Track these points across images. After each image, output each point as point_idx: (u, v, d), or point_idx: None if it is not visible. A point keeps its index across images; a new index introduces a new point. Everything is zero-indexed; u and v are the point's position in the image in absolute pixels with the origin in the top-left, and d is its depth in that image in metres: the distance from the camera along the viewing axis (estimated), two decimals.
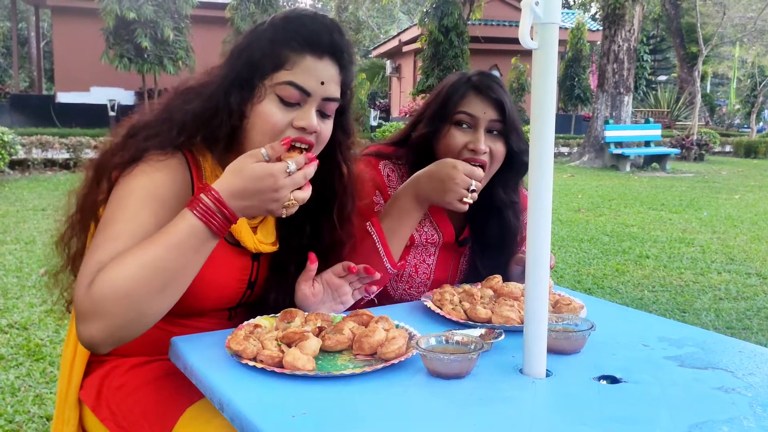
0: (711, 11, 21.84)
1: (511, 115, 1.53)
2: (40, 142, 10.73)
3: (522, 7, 0.99)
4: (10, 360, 3.00)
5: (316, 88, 1.19)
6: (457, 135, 1.53)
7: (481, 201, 1.51)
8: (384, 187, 1.60)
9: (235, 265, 1.30)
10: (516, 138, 1.54)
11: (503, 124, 1.53)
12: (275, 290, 1.37)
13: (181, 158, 1.22)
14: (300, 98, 1.19)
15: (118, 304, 1.01)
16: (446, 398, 0.96)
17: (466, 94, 1.54)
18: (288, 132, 1.19)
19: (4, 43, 24.67)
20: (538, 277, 1.04)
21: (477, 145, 1.50)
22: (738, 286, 4.71)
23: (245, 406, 0.91)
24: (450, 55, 16.50)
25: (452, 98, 1.55)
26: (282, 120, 1.18)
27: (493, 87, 1.53)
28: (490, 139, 1.53)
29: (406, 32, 22.70)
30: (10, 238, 5.50)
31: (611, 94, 14.61)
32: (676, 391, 1.00)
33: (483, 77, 1.56)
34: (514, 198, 1.63)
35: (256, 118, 1.19)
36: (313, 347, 1.07)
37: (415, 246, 1.62)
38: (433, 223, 1.63)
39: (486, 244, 1.64)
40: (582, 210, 8.04)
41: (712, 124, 26.37)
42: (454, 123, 1.54)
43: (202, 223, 1.05)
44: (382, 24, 37.24)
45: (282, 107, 1.19)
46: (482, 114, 1.52)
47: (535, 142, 1.04)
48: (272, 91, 1.19)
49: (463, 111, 1.53)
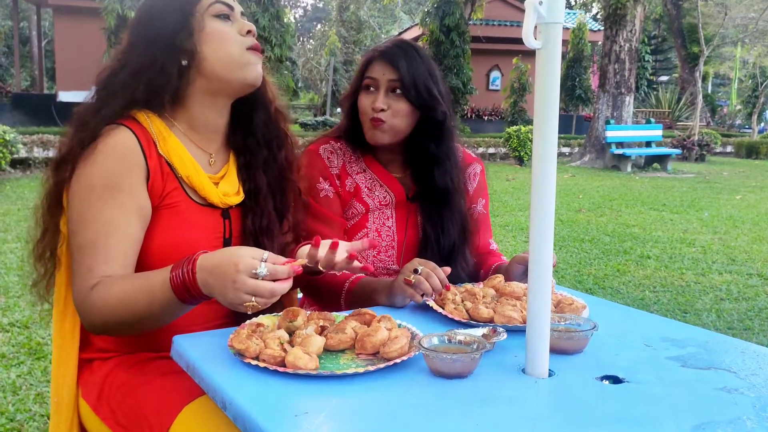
0: (712, 12, 21.82)
1: (408, 71, 1.64)
2: (41, 141, 10.73)
3: (525, 6, 0.99)
4: (11, 358, 3.00)
5: (233, 2, 1.35)
6: (363, 98, 1.69)
7: (419, 155, 1.71)
8: (327, 170, 1.71)
9: (207, 224, 1.35)
10: (415, 93, 1.64)
11: (401, 82, 1.63)
12: (252, 242, 1.40)
13: (127, 133, 1.26)
14: (228, 12, 1.33)
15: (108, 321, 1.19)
16: (449, 398, 0.96)
17: (372, 60, 1.69)
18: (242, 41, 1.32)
19: (6, 42, 24.66)
20: (540, 277, 1.04)
21: (375, 104, 1.64)
22: (739, 286, 4.70)
23: (248, 405, 0.91)
24: (451, 54, 16.50)
25: (363, 66, 1.71)
26: (230, 31, 1.32)
27: (393, 50, 1.67)
28: (393, 98, 1.65)
29: (408, 32, 22.69)
30: (12, 237, 5.51)
31: (612, 95, 14.60)
32: (678, 392, 1.00)
33: (390, 44, 1.70)
34: (449, 153, 1.73)
35: (210, 41, 1.30)
36: (317, 345, 1.08)
37: (371, 211, 1.73)
38: (383, 186, 1.74)
39: (434, 195, 1.73)
40: (583, 210, 8.03)
41: (714, 125, 26.36)
42: (363, 87, 1.69)
43: (170, 286, 1.11)
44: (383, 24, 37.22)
45: (223, 23, 1.32)
46: (381, 75, 1.66)
47: (538, 141, 1.04)
48: (208, 15, 1.31)
49: (367, 75, 1.68)
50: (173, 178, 1.30)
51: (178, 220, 1.30)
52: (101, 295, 1.17)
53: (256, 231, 1.41)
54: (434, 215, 1.72)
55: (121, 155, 1.24)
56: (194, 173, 1.31)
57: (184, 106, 1.34)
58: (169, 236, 1.28)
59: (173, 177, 1.30)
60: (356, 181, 1.73)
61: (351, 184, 1.72)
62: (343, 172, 1.72)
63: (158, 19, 1.30)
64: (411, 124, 1.68)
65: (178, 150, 1.30)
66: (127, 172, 1.24)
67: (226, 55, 1.30)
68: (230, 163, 1.42)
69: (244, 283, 1.04)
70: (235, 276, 1.05)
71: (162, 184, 1.28)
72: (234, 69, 1.31)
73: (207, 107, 1.35)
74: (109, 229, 1.21)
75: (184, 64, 1.29)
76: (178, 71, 1.29)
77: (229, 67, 1.30)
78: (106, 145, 1.24)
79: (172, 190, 1.30)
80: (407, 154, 1.74)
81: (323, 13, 39.17)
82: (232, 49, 1.30)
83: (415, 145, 1.70)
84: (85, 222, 1.22)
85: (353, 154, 1.75)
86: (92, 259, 1.20)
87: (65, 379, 1.34)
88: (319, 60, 30.72)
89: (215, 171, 1.38)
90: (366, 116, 1.67)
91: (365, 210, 1.72)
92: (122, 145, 1.24)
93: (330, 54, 22.92)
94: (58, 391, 1.35)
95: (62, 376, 1.34)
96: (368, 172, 1.74)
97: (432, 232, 1.72)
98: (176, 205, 1.30)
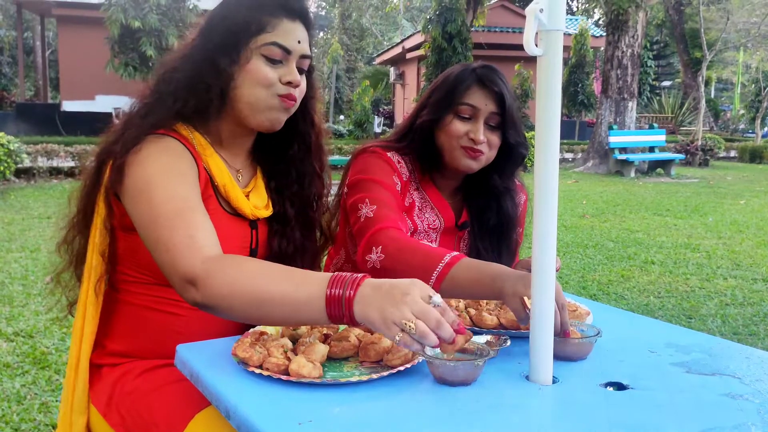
0: (715, 16, 21.85)
1: (511, 108, 1.59)
2: (45, 151, 10.78)
3: (527, 14, 0.99)
4: (15, 368, 3.00)
5: (295, 47, 1.33)
6: (458, 124, 1.60)
7: (480, 187, 1.67)
8: (398, 171, 1.63)
9: (236, 233, 1.37)
10: (513, 131, 1.61)
11: (501, 117, 1.59)
12: (276, 256, 1.43)
13: (173, 140, 1.28)
14: (282, 56, 1.32)
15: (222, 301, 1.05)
16: (453, 405, 0.96)
17: (471, 85, 1.60)
18: (276, 87, 1.30)
19: (10, 52, 24.81)
20: (544, 284, 1.04)
21: (476, 135, 1.58)
22: (744, 291, 4.69)
23: (252, 413, 0.91)
24: (453, 61, 16.54)
25: (457, 88, 1.61)
26: (271, 75, 1.30)
27: (496, 80, 1.60)
28: (489, 131, 1.60)
29: (410, 39, 22.77)
30: (16, 246, 5.52)
31: (615, 100, 14.60)
32: (683, 398, 1.00)
33: (487, 70, 1.62)
34: (510, 186, 1.72)
35: (246, 76, 1.30)
36: (321, 353, 1.08)
37: (418, 233, 1.67)
38: (435, 209, 1.69)
39: (485, 227, 1.71)
40: (586, 216, 8.02)
41: (717, 130, 26.33)
42: (457, 113, 1.60)
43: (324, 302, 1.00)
44: (385, 31, 37.33)
45: (269, 65, 1.31)
46: (483, 106, 1.59)
47: (540, 148, 1.04)
48: (258, 52, 1.30)
49: (466, 102, 1.59)
50: (211, 186, 1.33)
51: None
52: (232, 267, 1.07)
53: (281, 253, 1.44)
54: (487, 246, 1.68)
55: (174, 152, 1.26)
56: (230, 184, 1.35)
57: (217, 123, 1.37)
58: None
59: (211, 185, 1.33)
60: (413, 198, 1.67)
61: (409, 199, 1.66)
62: (407, 184, 1.65)
63: (213, 35, 1.32)
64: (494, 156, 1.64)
65: (216, 161, 1.34)
66: (185, 165, 1.25)
67: (253, 95, 1.30)
68: (258, 177, 1.46)
69: (415, 300, 0.95)
70: (409, 290, 0.96)
71: (203, 189, 1.30)
72: (254, 110, 1.32)
73: (235, 129, 1.38)
74: (188, 205, 1.17)
75: (219, 86, 1.30)
76: (220, 92, 1.31)
77: (251, 106, 1.32)
78: (156, 147, 1.24)
79: (208, 197, 1.32)
80: (466, 181, 1.70)
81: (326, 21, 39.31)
82: (261, 92, 1.30)
83: (481, 174, 1.65)
84: (159, 204, 1.16)
85: (413, 170, 1.68)
86: (185, 228, 1.12)
87: (78, 384, 1.33)
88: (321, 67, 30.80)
89: (243, 185, 1.43)
90: (457, 141, 1.59)
91: (414, 230, 1.65)
92: (173, 146, 1.27)
93: (332, 61, 22.98)
94: (68, 398, 1.34)
95: (74, 381, 1.34)
96: (422, 192, 1.68)
97: (481, 256, 1.65)
98: (210, 212, 1.29)
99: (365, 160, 1.63)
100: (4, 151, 8.49)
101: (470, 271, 1.26)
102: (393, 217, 1.49)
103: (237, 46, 1.30)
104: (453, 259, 1.28)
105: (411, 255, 1.35)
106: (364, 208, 1.51)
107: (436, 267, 1.28)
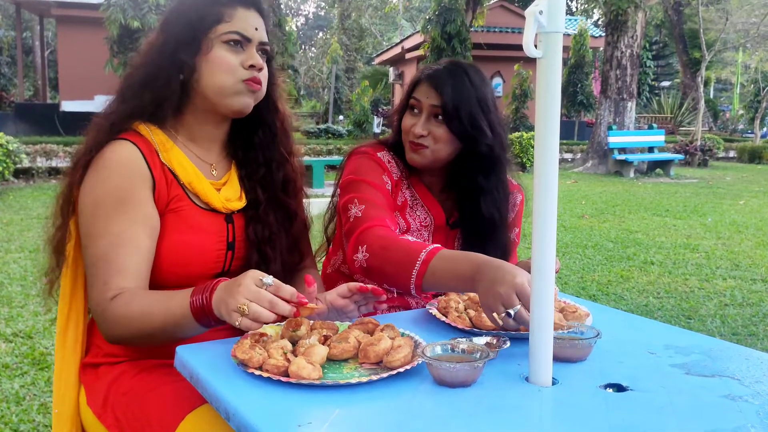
0: (714, 17, 21.86)
1: (453, 100, 1.58)
2: (44, 151, 10.78)
3: (526, 15, 0.99)
4: (14, 369, 3.00)
5: (253, 34, 1.37)
6: (407, 119, 1.66)
7: (464, 183, 1.67)
8: (387, 170, 1.67)
9: (211, 227, 1.38)
10: (457, 123, 1.59)
11: (442, 109, 1.60)
12: (255, 250, 1.44)
13: (128, 146, 1.31)
14: (241, 41, 1.35)
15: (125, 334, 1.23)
16: (452, 407, 0.96)
17: (419, 82, 1.66)
18: (240, 72, 1.33)
19: (9, 52, 24.77)
20: (543, 285, 1.04)
21: (414, 128, 1.62)
22: (743, 292, 4.69)
23: (252, 415, 0.91)
24: None
25: (410, 86, 1.69)
26: (234, 61, 1.34)
27: (440, 74, 1.62)
28: (434, 124, 1.62)
29: (409, 39, 22.74)
30: (15, 247, 5.52)
31: (614, 100, 14.61)
32: (683, 400, 1.00)
33: (440, 67, 1.65)
34: (494, 185, 1.68)
35: (210, 65, 1.33)
36: (321, 355, 1.08)
37: (411, 231, 1.68)
38: (424, 207, 1.71)
39: (471, 226, 1.71)
40: (586, 216, 8.03)
41: (716, 130, 26.34)
42: (408, 107, 1.67)
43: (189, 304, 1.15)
44: (384, 31, 37.34)
45: (230, 51, 1.34)
46: (425, 99, 1.62)
47: (540, 149, 1.04)
48: (218, 41, 1.34)
49: (413, 97, 1.65)
50: (176, 184, 1.35)
51: (183, 223, 1.34)
52: (121, 307, 1.21)
53: (258, 240, 1.45)
54: (476, 245, 1.64)
55: (125, 169, 1.29)
56: (196, 179, 1.36)
57: (183, 118, 1.40)
58: (175, 239, 1.32)
59: (176, 184, 1.35)
60: (405, 196, 1.69)
61: (401, 198, 1.68)
62: (398, 182, 1.69)
63: (173, 31, 1.35)
64: (454, 151, 1.64)
65: (180, 158, 1.36)
66: (132, 186, 1.28)
67: (218, 81, 1.33)
68: (232, 170, 1.48)
69: (248, 287, 1.07)
70: (241, 280, 1.08)
71: (167, 191, 1.33)
72: (222, 96, 1.35)
73: (204, 121, 1.41)
74: (118, 241, 1.25)
75: (182, 78, 1.34)
76: (180, 85, 1.34)
77: (218, 93, 1.34)
78: (110, 160, 1.29)
79: (176, 195, 1.34)
80: (450, 179, 1.71)
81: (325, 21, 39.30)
82: (226, 78, 1.33)
83: (460, 171, 1.67)
84: (95, 236, 1.27)
85: (404, 169, 1.71)
86: (105, 272, 1.24)
87: (67, 391, 1.35)
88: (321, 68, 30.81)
89: (218, 178, 1.44)
90: (406, 136, 1.65)
91: (407, 228, 1.67)
92: (126, 158, 1.29)
93: (332, 62, 22.96)
94: (60, 402, 1.35)
95: (63, 388, 1.35)
96: (412, 190, 1.71)
97: None
98: (180, 209, 1.34)
99: (356, 162, 1.66)
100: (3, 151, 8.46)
101: (447, 262, 1.33)
102: (381, 216, 1.52)
103: (196, 37, 1.33)
104: (429, 255, 1.35)
105: (394, 252, 1.41)
106: (353, 209, 1.55)
107: (415, 263, 1.35)
